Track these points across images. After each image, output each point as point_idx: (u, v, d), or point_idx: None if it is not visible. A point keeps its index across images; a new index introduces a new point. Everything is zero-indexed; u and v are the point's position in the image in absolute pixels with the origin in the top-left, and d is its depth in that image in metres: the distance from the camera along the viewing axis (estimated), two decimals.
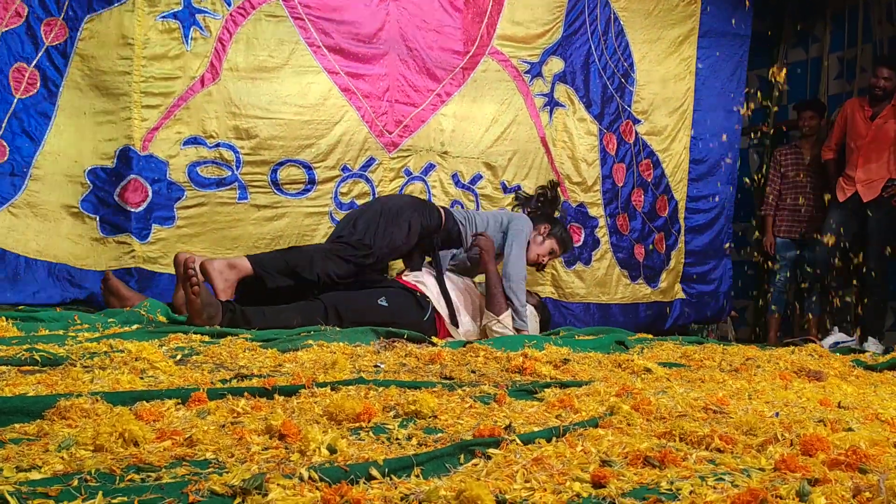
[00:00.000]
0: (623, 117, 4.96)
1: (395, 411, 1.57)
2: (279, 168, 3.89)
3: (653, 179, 5.12)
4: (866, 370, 2.99)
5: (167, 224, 3.67)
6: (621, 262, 4.99)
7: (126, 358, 1.92)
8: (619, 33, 4.92)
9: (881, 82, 4.97)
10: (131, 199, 3.57)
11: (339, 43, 4.01)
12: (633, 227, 5.06)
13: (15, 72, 3.36)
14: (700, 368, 2.69)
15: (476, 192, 4.45)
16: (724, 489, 1.13)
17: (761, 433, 1.50)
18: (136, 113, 3.57)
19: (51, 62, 3.43)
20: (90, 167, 3.52)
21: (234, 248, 3.80)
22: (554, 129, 4.72)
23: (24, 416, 1.34)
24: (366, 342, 2.58)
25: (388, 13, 4.14)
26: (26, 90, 3.39)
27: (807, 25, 6.22)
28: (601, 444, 1.38)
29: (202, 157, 3.73)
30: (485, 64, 4.44)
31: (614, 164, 4.95)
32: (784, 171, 5.68)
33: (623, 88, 4.96)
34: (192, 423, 1.35)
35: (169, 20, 3.63)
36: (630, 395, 1.86)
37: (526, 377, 2.21)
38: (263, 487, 1.00)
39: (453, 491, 1.02)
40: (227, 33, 3.75)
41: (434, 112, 4.31)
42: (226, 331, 2.61)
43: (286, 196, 3.93)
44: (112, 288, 3.10)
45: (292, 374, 1.91)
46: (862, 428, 1.63)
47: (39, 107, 3.41)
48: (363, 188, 4.11)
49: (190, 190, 3.71)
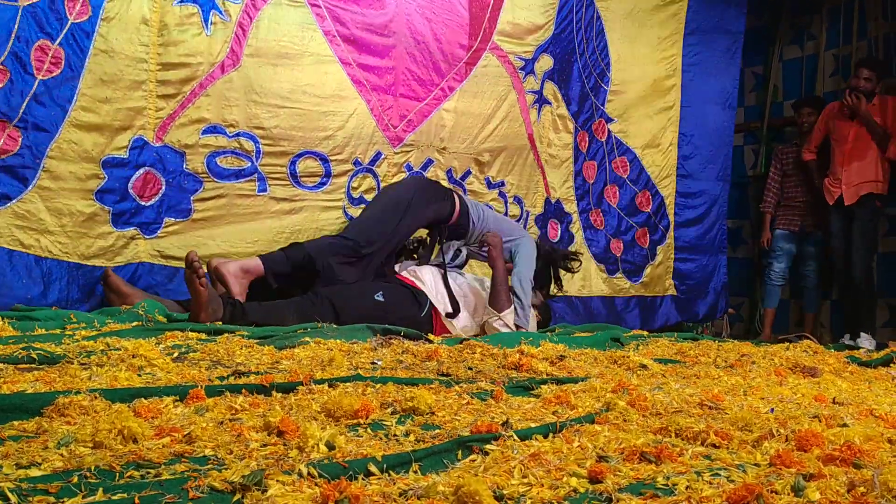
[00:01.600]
0: (596, 116, 4.99)
1: (393, 408, 1.58)
2: (298, 160, 3.78)
3: (630, 176, 5.13)
4: (860, 366, 3.00)
5: (182, 217, 3.50)
6: (596, 257, 5.02)
7: (123, 355, 1.92)
8: (600, 33, 4.93)
9: (861, 82, 5.01)
10: (144, 192, 3.40)
11: (353, 33, 3.91)
12: (607, 222, 5.08)
13: (38, 50, 3.07)
14: (695, 365, 2.70)
15: (465, 188, 4.46)
16: (720, 484, 1.14)
17: (757, 429, 1.51)
18: (151, 102, 3.40)
19: (75, 41, 3.17)
20: (105, 157, 3.29)
21: (254, 242, 3.65)
22: (541, 127, 4.73)
23: (23, 413, 1.34)
24: (362, 339, 2.58)
25: (397, 4, 4.07)
26: (49, 70, 3.11)
27: (802, 22, 6.24)
28: (598, 439, 1.39)
29: (221, 147, 3.57)
30: (486, 59, 4.43)
31: (585, 162, 4.97)
32: (785, 169, 5.71)
33: (598, 88, 4.97)
34: (191, 420, 1.36)
35: (188, 5, 3.45)
36: (626, 391, 1.87)
37: (522, 374, 2.21)
38: (263, 483, 1.01)
39: (451, 486, 1.03)
40: (248, 17, 3.60)
41: (437, 107, 4.27)
42: (222, 328, 2.61)
43: (304, 189, 3.82)
44: (112, 285, 3.07)
45: (290, 371, 1.91)
46: (856, 424, 1.65)
47: (62, 89, 3.16)
48: (370, 183, 4.07)
49: (209, 181, 3.55)
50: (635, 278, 5.15)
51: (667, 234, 5.30)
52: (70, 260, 3.20)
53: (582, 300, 4.91)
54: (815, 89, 6.04)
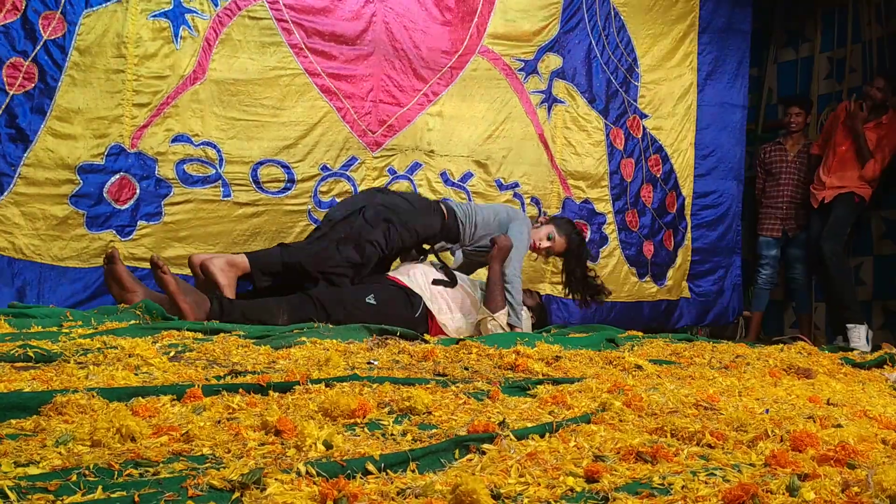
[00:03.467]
0: (630, 112, 4.97)
1: (390, 407, 1.58)
2: (259, 167, 3.95)
3: (662, 175, 5.12)
4: (854, 368, 3.02)
5: (154, 220, 3.71)
6: (629, 260, 4.99)
7: (120, 354, 1.92)
8: (621, 28, 4.94)
9: (873, 91, 5.03)
10: (119, 196, 3.60)
11: (323, 46, 4.04)
12: (642, 223, 5.05)
13: (9, 67, 3.34)
14: (690, 366, 2.71)
15: (468, 190, 4.47)
16: (716, 484, 1.15)
17: (752, 429, 1.52)
18: (127, 111, 3.61)
19: (49, 56, 3.42)
20: (81, 163, 3.51)
21: (215, 244, 3.85)
22: (553, 126, 4.74)
23: (21, 411, 1.34)
24: (358, 339, 2.59)
25: (374, 13, 4.17)
26: (22, 86, 3.37)
27: (797, 25, 6.26)
28: (594, 439, 1.39)
29: (189, 155, 3.78)
30: (475, 63, 4.46)
31: (622, 159, 4.95)
32: (768, 168, 5.69)
33: (628, 83, 4.97)
34: (188, 419, 1.36)
35: (160, 19, 3.68)
36: (622, 391, 1.88)
37: (518, 374, 2.22)
38: (262, 482, 1.01)
39: (449, 485, 1.04)
40: (214, 33, 3.81)
41: (420, 112, 4.33)
42: (219, 327, 2.61)
43: (267, 194, 3.98)
44: (116, 274, 2.85)
45: (286, 370, 1.91)
46: (850, 424, 1.66)
47: (35, 102, 3.39)
48: (344, 186, 4.15)
49: (177, 187, 3.76)
50: (661, 282, 5.14)
51: (686, 235, 5.28)
52: (43, 261, 3.42)
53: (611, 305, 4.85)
54: (810, 92, 6.06)
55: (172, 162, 3.75)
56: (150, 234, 3.70)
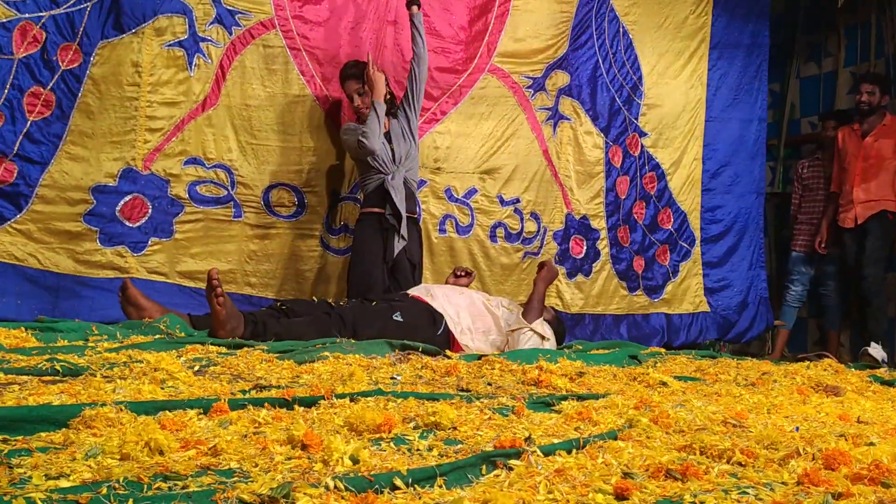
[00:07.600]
0: (630, 130, 4.98)
1: (415, 422, 1.58)
2: (271, 190, 4.02)
3: (656, 192, 5.12)
4: (883, 385, 2.97)
5: (166, 237, 3.80)
6: (619, 274, 4.99)
7: (145, 368, 1.93)
8: (629, 46, 4.95)
9: (864, 97, 4.99)
10: (132, 215, 3.71)
11: (333, 72, 4.07)
12: (633, 238, 5.05)
13: (30, 95, 3.50)
14: (716, 382, 2.68)
15: (471, 206, 4.48)
16: (749, 502, 1.13)
17: (782, 447, 1.50)
18: (140, 135, 3.72)
19: (65, 85, 3.56)
20: (94, 185, 3.64)
21: (228, 262, 3.93)
22: (558, 143, 4.74)
23: (50, 425, 1.35)
24: (381, 354, 2.58)
25: (384, 37, 4.21)
26: (40, 112, 3.52)
27: (819, 39, 6.22)
28: (622, 456, 1.38)
29: (201, 177, 3.87)
30: (484, 81, 4.49)
31: (618, 177, 4.96)
32: (806, 184, 5.65)
33: (631, 101, 4.98)
34: (215, 433, 1.36)
35: (175, 48, 3.78)
36: (648, 407, 1.86)
37: (542, 389, 2.21)
38: (291, 496, 1.01)
39: (477, 501, 1.03)
40: (228, 60, 3.91)
41: (428, 130, 4.37)
42: (242, 343, 2.62)
43: (277, 217, 4.05)
44: (130, 297, 3.06)
45: (310, 385, 1.91)
46: (883, 442, 1.63)
47: (52, 128, 3.54)
48: (354, 211, 4.16)
49: (189, 206, 3.85)
50: (655, 296, 5.11)
51: (692, 250, 5.25)
52: (58, 271, 3.58)
53: (594, 317, 4.87)
54: (833, 107, 6.00)
55: (185, 183, 3.84)
56: (161, 250, 3.79)
